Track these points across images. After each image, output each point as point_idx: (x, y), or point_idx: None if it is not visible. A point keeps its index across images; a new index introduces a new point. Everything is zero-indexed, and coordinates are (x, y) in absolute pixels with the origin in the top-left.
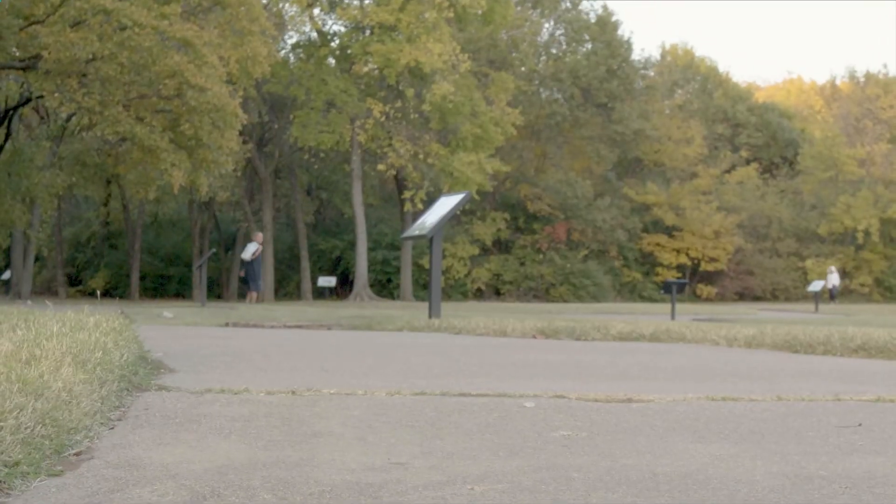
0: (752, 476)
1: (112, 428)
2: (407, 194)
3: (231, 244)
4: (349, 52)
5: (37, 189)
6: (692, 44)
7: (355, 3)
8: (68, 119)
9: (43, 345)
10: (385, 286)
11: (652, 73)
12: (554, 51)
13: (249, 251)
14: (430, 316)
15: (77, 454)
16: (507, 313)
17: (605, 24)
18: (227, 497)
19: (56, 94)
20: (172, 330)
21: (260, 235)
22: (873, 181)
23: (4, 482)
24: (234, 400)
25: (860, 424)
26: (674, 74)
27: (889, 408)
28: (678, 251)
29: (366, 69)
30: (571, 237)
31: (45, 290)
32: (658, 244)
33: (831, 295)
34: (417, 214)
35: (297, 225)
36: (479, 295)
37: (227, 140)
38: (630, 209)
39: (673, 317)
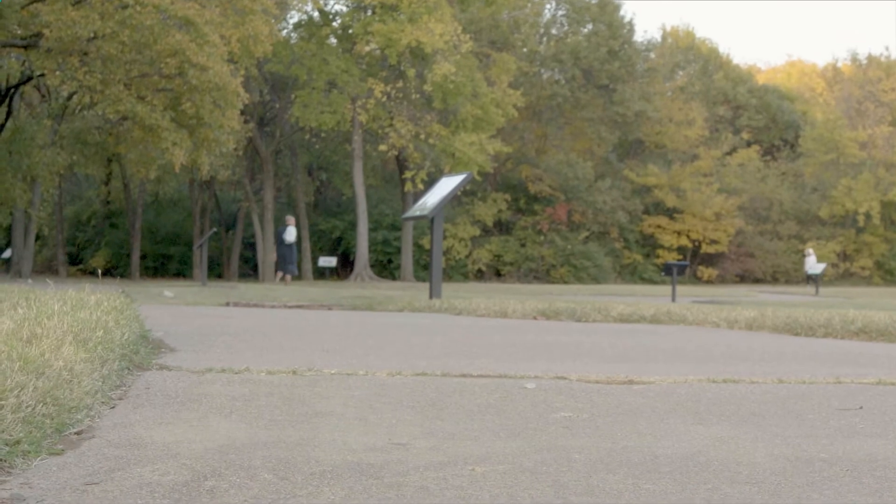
0: (753, 458)
1: (113, 407)
2: (408, 175)
3: (232, 224)
4: (351, 31)
5: (38, 168)
6: (693, 25)
7: None
8: (69, 98)
9: (44, 323)
10: (386, 267)
11: (653, 55)
12: (555, 32)
13: (292, 234)
14: (430, 297)
15: (78, 433)
16: (508, 294)
17: (606, 6)
18: (227, 476)
19: (57, 73)
20: (173, 309)
21: (293, 219)
22: (874, 164)
23: (5, 461)
24: (235, 379)
25: (861, 407)
26: (675, 56)
27: (890, 390)
28: (679, 233)
29: (367, 49)
30: (572, 218)
31: (45, 269)
32: (659, 226)
33: (809, 277)
34: (418, 195)
35: (297, 205)
36: (479, 276)
37: (228, 119)
38: (631, 191)
39: (674, 299)
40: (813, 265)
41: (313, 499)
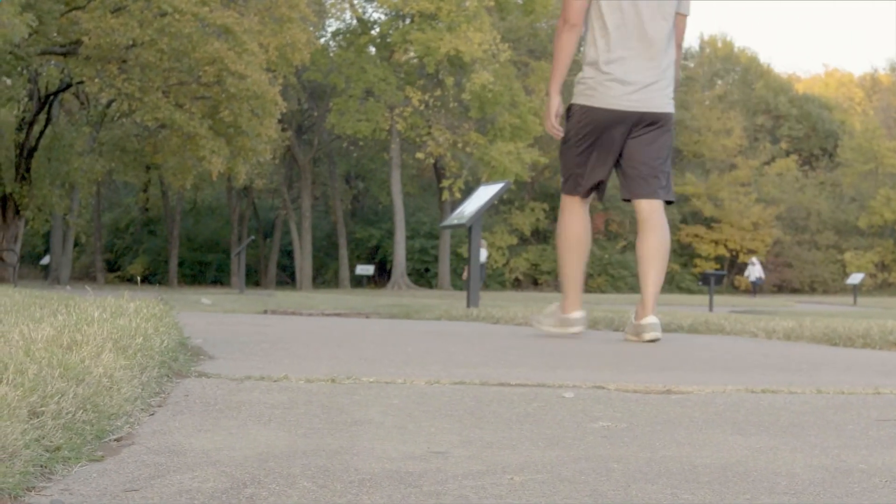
0: (792, 469)
1: (152, 414)
2: (445, 183)
3: (270, 231)
4: (389, 40)
5: (76, 174)
6: (731, 35)
7: None
8: (108, 105)
9: (84, 330)
10: (423, 275)
11: (692, 64)
12: None
13: (484, 255)
14: (468, 305)
15: (118, 440)
16: (545, 303)
17: None
18: (267, 484)
19: (96, 80)
20: (211, 317)
21: (484, 242)
22: None
23: (46, 467)
24: (274, 387)
25: None
26: (714, 65)
27: None
28: (716, 242)
29: (405, 57)
30: (609, 228)
31: (83, 276)
32: (696, 235)
33: (753, 288)
34: (455, 203)
35: (335, 213)
36: (516, 285)
37: (265, 128)
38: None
39: (711, 308)
40: (759, 274)
41: None
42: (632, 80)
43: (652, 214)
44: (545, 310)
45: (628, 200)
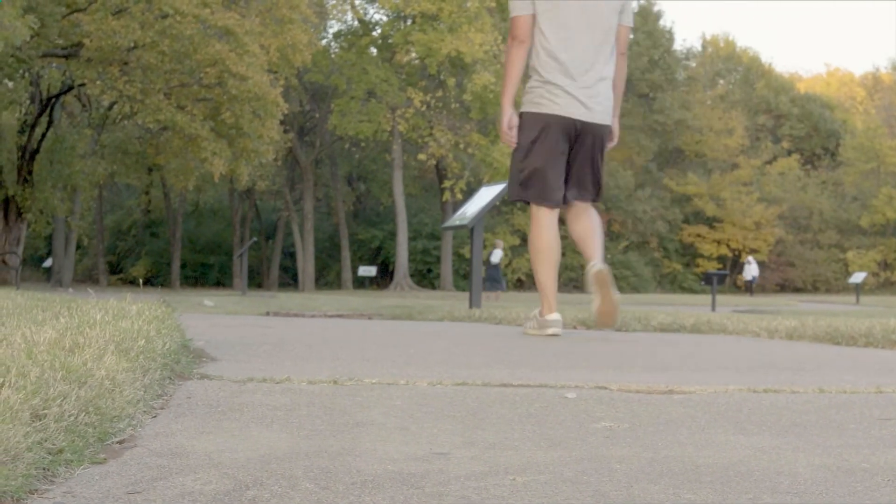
0: (794, 468)
1: (155, 416)
2: (447, 184)
3: (272, 233)
4: (390, 41)
5: (78, 177)
6: (733, 35)
7: None
8: (110, 107)
9: (86, 333)
10: (425, 276)
11: (693, 64)
12: None
13: (498, 256)
14: (470, 306)
15: (120, 442)
16: None
17: (647, 15)
18: (269, 486)
19: (98, 82)
20: (214, 319)
21: (501, 242)
22: None
23: (49, 469)
24: (276, 389)
25: None
26: (715, 65)
27: None
28: (719, 242)
29: (407, 58)
30: (612, 228)
31: (86, 278)
32: (699, 235)
33: (749, 286)
34: (457, 204)
35: (337, 214)
36: (519, 285)
37: (267, 129)
38: (670, 200)
39: (713, 308)
40: (755, 273)
41: None
42: (574, 92)
43: (586, 207)
44: (531, 314)
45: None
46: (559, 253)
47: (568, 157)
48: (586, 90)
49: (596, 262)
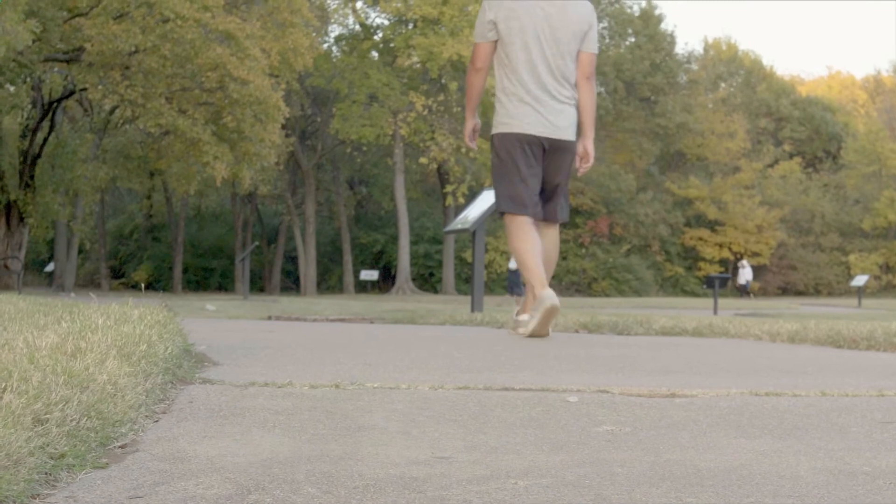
0: (796, 471)
1: (157, 421)
2: (449, 188)
3: (273, 237)
4: (392, 45)
5: (80, 181)
6: (735, 38)
7: None
8: (111, 111)
9: (88, 337)
10: (427, 280)
11: (695, 67)
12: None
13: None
14: (472, 310)
15: (122, 447)
16: None
17: (649, 18)
18: (271, 490)
19: (99, 87)
20: (215, 323)
21: None
22: None
23: (51, 474)
24: (278, 393)
25: None
26: (717, 68)
27: None
28: (721, 245)
29: (408, 62)
30: (614, 231)
31: (88, 283)
32: (700, 238)
33: (744, 290)
34: (459, 208)
35: (339, 218)
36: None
37: (269, 133)
38: (672, 203)
39: (715, 311)
40: (749, 277)
41: None
42: (539, 110)
43: (550, 228)
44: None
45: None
46: (539, 243)
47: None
48: (549, 110)
49: (551, 294)
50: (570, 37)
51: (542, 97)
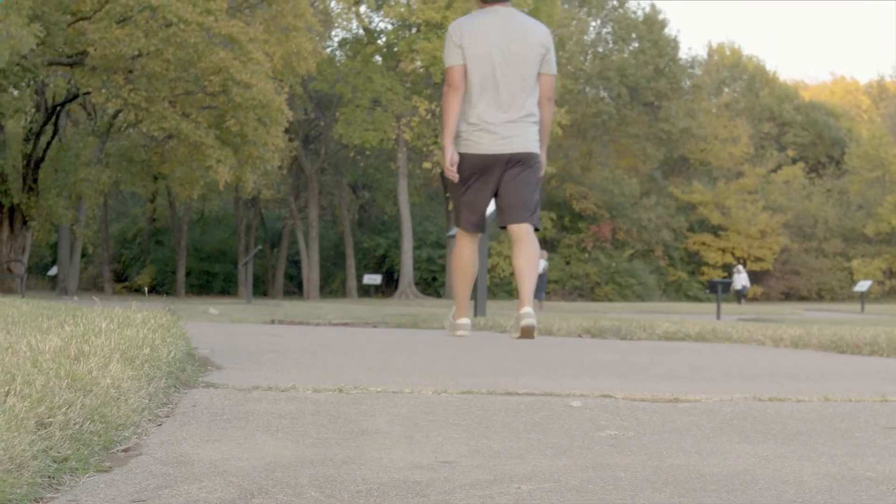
0: (800, 477)
1: (160, 425)
2: None
3: (277, 241)
4: (395, 49)
5: (83, 185)
6: (739, 43)
7: (402, 0)
8: (115, 115)
9: (91, 341)
10: (430, 284)
11: (699, 72)
12: (601, 49)
13: (542, 266)
14: (475, 314)
15: (125, 450)
16: (553, 312)
17: (653, 23)
18: (274, 494)
19: (102, 91)
20: (219, 327)
21: (545, 253)
22: None
23: (54, 478)
24: (282, 397)
25: None
26: (721, 73)
27: None
28: (724, 250)
29: (412, 67)
30: (617, 236)
31: (91, 287)
32: (703, 243)
33: (740, 295)
34: None
35: (342, 222)
36: None
37: (272, 136)
38: (676, 208)
39: (718, 316)
40: (745, 283)
41: None
42: (496, 130)
43: (523, 236)
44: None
45: (504, 227)
46: (476, 269)
47: (498, 189)
48: (507, 127)
49: (528, 312)
50: (529, 60)
51: (502, 117)
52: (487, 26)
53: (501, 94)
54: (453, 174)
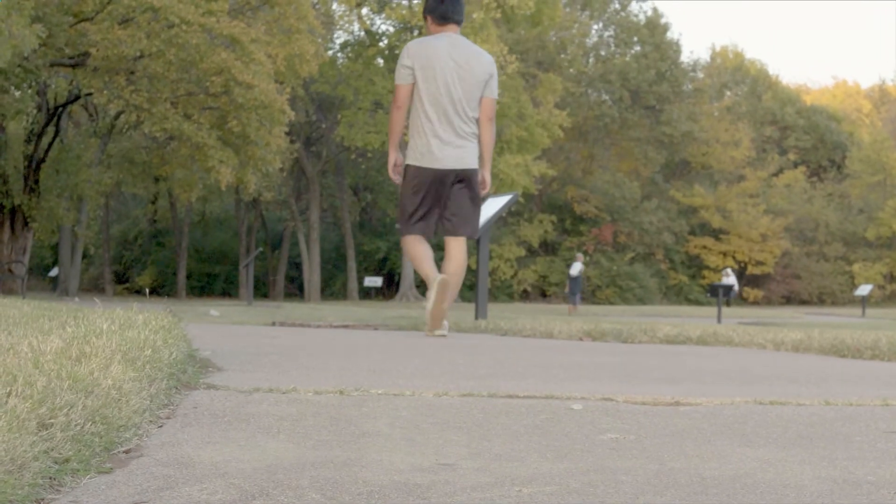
0: (800, 480)
1: (161, 426)
2: None
3: (278, 243)
4: (397, 52)
5: (84, 186)
6: (742, 46)
7: (404, 3)
8: (116, 116)
9: (93, 342)
10: None
11: (701, 76)
12: (603, 52)
13: (577, 269)
14: (476, 317)
15: (126, 452)
16: (554, 315)
17: (655, 26)
18: (275, 496)
19: (104, 92)
20: (220, 328)
21: (581, 256)
22: None
23: (55, 479)
24: (283, 399)
25: None
26: (723, 76)
27: None
28: (725, 254)
29: None
30: (618, 239)
31: (92, 288)
32: (705, 247)
33: (728, 298)
34: None
35: (343, 225)
36: (524, 296)
37: (274, 137)
38: (677, 211)
39: (719, 320)
40: (730, 283)
41: None
42: (446, 147)
43: (455, 248)
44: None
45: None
46: (430, 249)
47: (442, 200)
48: (452, 145)
49: (440, 276)
50: (474, 84)
51: (449, 134)
52: (438, 50)
53: (449, 113)
54: (396, 177)
